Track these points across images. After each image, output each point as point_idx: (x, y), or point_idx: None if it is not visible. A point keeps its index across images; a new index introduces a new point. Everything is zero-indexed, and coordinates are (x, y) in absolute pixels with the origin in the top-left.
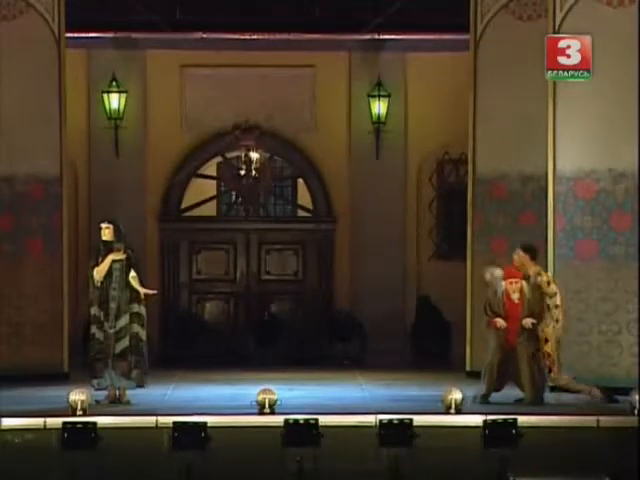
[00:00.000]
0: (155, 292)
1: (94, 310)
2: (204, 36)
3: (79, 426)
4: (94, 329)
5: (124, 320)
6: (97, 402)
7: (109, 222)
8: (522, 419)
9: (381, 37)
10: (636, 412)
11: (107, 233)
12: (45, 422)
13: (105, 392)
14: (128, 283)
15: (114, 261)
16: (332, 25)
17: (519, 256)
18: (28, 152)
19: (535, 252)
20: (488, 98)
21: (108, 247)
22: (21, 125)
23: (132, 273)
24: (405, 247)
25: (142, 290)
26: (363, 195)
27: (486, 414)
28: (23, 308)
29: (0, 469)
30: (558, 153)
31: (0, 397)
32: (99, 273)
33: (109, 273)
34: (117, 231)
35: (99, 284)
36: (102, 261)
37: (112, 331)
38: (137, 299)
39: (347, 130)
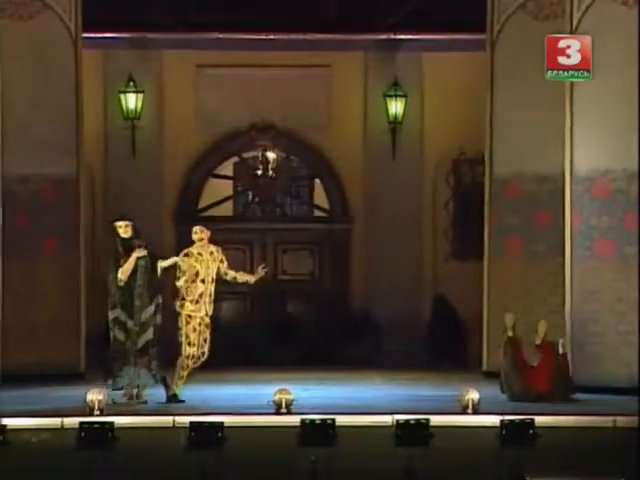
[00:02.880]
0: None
1: (116, 313)
2: (220, 36)
3: (96, 426)
4: (115, 331)
5: (149, 312)
6: (114, 402)
7: (127, 219)
8: (539, 419)
9: (397, 37)
10: None
11: (127, 230)
12: (62, 422)
13: (120, 392)
14: (152, 278)
15: (138, 258)
16: (348, 25)
17: None
18: (45, 152)
19: None
20: (504, 98)
21: (127, 245)
22: (38, 125)
23: (162, 263)
24: (421, 247)
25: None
26: (379, 195)
27: (503, 414)
28: (39, 308)
29: (17, 468)
30: (574, 153)
31: (17, 396)
32: (124, 273)
33: (133, 271)
34: (135, 228)
35: (122, 284)
36: (125, 261)
37: (137, 328)
38: (159, 291)
39: (363, 130)
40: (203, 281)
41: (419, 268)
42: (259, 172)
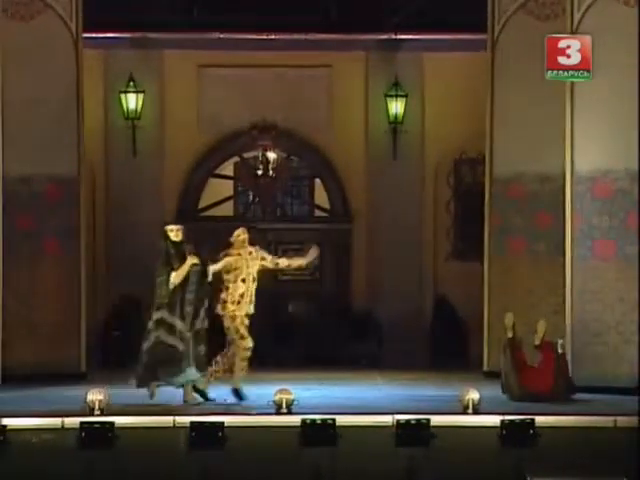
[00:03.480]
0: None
1: (162, 314)
2: (221, 36)
3: (97, 426)
4: (159, 332)
5: (201, 317)
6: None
7: (177, 223)
8: (539, 419)
9: (398, 37)
10: None
11: (178, 234)
12: (63, 422)
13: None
14: (203, 283)
15: (193, 264)
16: (349, 25)
17: None
18: (46, 152)
19: None
20: (505, 98)
21: (178, 249)
22: (39, 125)
23: (213, 267)
24: (422, 247)
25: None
26: (380, 195)
27: (503, 414)
28: (41, 308)
29: (18, 469)
30: (575, 153)
31: (18, 396)
32: (178, 277)
33: (185, 278)
34: (185, 232)
35: (172, 287)
36: (179, 265)
37: (190, 334)
38: (205, 300)
39: (364, 130)
40: (244, 281)
41: (420, 268)
42: (260, 172)
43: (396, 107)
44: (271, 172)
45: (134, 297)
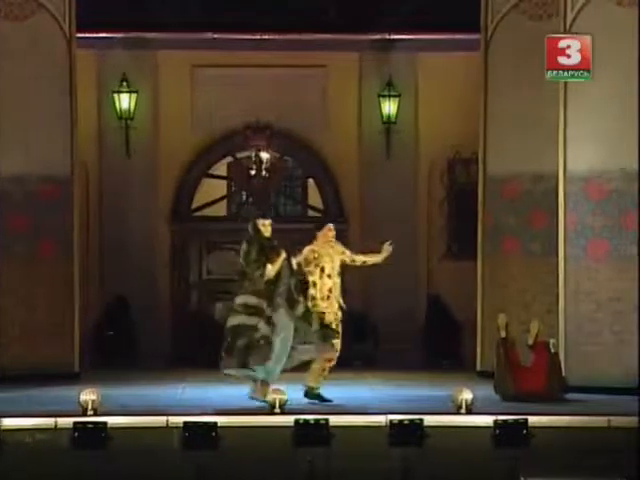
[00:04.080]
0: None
1: (253, 300)
2: (215, 36)
3: (90, 426)
4: (254, 320)
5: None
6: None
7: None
8: (533, 419)
9: (392, 37)
10: None
11: (268, 229)
12: (56, 422)
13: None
14: (294, 280)
15: (285, 258)
16: (343, 25)
17: None
18: (39, 152)
19: None
20: (499, 98)
21: (270, 243)
22: (32, 125)
23: (295, 260)
24: (416, 247)
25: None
26: (374, 195)
27: (497, 414)
28: (34, 308)
29: (12, 468)
30: (569, 153)
31: (11, 397)
32: (273, 270)
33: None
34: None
35: (266, 280)
36: (274, 259)
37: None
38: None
39: (358, 130)
40: (330, 276)
41: (414, 268)
42: (253, 172)
43: (389, 107)
44: (264, 172)
45: (127, 297)
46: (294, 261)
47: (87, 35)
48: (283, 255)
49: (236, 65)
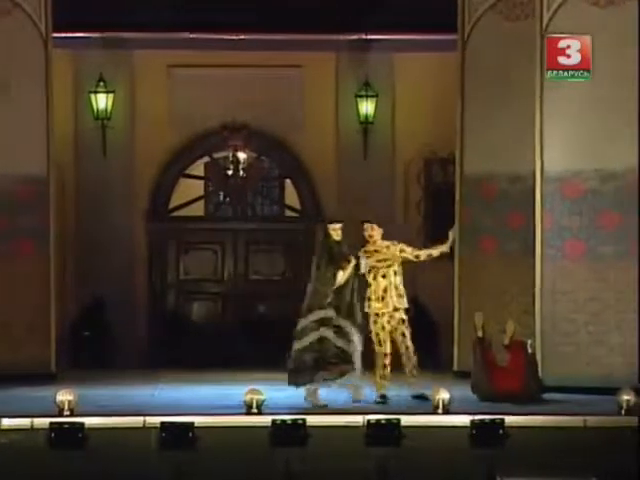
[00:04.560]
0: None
1: (325, 313)
2: (191, 36)
3: (66, 426)
4: (324, 331)
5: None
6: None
7: (339, 222)
8: (509, 419)
9: (368, 37)
10: (623, 412)
11: (339, 234)
12: (32, 422)
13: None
14: (362, 285)
15: (355, 264)
16: (320, 25)
17: None
18: (15, 152)
19: None
20: (475, 98)
21: (340, 248)
22: (8, 125)
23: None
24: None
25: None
26: (351, 195)
27: (473, 414)
28: (12, 308)
29: None
30: (545, 153)
31: None
32: (344, 276)
33: (351, 278)
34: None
35: (337, 286)
36: (345, 265)
37: (357, 334)
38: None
39: (335, 130)
40: (384, 276)
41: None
42: (230, 172)
43: (367, 107)
44: (241, 172)
45: (104, 297)
46: (362, 264)
47: (63, 35)
48: (353, 262)
49: (213, 65)
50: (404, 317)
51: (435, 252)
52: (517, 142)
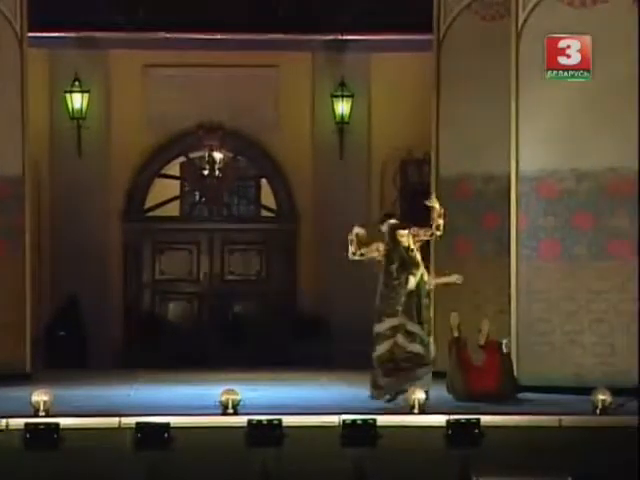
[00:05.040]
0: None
1: (398, 321)
2: (167, 36)
3: (41, 427)
4: (398, 338)
5: (427, 315)
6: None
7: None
8: (485, 419)
9: (344, 37)
10: (598, 412)
11: (409, 239)
12: (7, 423)
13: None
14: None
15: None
16: (296, 25)
17: None
18: None
19: None
20: (451, 98)
21: (410, 253)
22: None
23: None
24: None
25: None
26: (327, 195)
27: (449, 414)
28: None
29: None
30: (521, 153)
31: None
32: (415, 282)
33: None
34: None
35: (408, 292)
36: (414, 271)
37: (429, 338)
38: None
39: (310, 130)
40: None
41: (367, 268)
42: (206, 172)
43: (342, 107)
44: (217, 172)
45: (79, 297)
46: (411, 281)
47: (39, 34)
48: (422, 266)
49: (188, 65)
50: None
51: (441, 222)
52: (492, 142)
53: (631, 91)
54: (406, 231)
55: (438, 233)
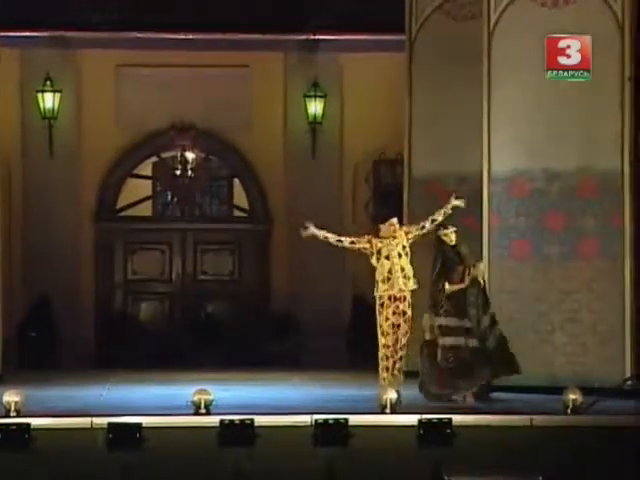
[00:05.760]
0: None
1: (447, 321)
2: (140, 36)
3: (13, 427)
4: (450, 340)
5: (486, 322)
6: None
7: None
8: (457, 418)
9: (317, 37)
10: (569, 411)
11: (454, 238)
12: None
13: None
14: (480, 285)
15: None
16: (268, 25)
17: None
18: None
19: None
20: (423, 98)
21: (454, 253)
22: None
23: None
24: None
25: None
26: (299, 195)
27: (421, 413)
28: None
29: None
30: (492, 153)
31: None
32: (453, 287)
33: (462, 279)
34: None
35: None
36: (459, 270)
37: (477, 335)
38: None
39: (283, 130)
40: (387, 258)
41: (340, 268)
42: (178, 172)
43: (315, 107)
44: (190, 172)
45: (51, 298)
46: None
47: (10, 34)
48: (463, 268)
49: (160, 65)
50: (405, 310)
51: (438, 216)
52: (465, 142)
53: (602, 90)
54: (451, 229)
55: (428, 227)
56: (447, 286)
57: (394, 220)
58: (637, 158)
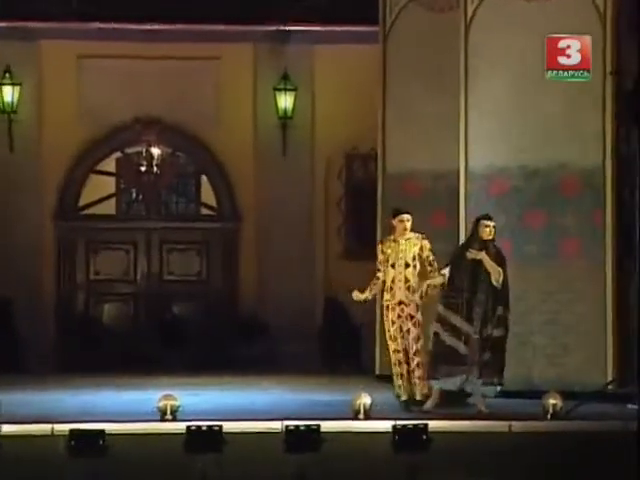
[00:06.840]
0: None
1: (454, 319)
2: (102, 26)
3: None
4: (440, 329)
5: (496, 330)
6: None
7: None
8: (432, 424)
9: (288, 28)
10: (549, 417)
11: (488, 231)
12: None
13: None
14: (496, 288)
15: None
16: (237, 16)
17: None
18: None
19: None
20: (398, 92)
21: (483, 246)
22: None
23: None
24: (313, 246)
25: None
26: (269, 192)
27: (396, 419)
28: None
29: None
30: (470, 150)
31: None
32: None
33: (474, 276)
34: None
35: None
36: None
37: (476, 338)
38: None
39: (252, 125)
40: (393, 266)
41: (311, 268)
42: (143, 168)
43: (285, 101)
44: (155, 168)
45: (11, 299)
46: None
47: None
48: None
49: (125, 56)
50: (412, 313)
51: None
52: (441, 138)
53: (583, 85)
54: (491, 222)
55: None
56: (445, 272)
57: (405, 216)
58: (619, 155)
